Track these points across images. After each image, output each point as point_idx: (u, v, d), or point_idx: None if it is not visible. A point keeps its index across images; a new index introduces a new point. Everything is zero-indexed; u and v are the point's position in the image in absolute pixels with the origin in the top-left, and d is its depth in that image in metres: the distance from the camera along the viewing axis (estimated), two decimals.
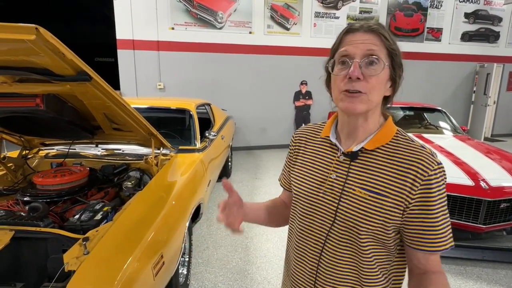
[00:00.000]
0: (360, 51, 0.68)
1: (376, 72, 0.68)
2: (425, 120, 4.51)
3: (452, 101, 7.77)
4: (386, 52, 0.70)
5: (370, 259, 0.73)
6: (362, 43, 0.69)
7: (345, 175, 0.75)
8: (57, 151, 2.49)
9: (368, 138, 0.75)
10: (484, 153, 3.22)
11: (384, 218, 0.70)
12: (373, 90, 0.69)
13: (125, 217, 1.54)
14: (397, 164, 0.71)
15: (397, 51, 0.71)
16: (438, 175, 0.69)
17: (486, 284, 2.40)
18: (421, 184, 0.68)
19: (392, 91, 0.75)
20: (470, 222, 2.61)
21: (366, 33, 0.69)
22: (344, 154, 0.76)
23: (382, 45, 0.69)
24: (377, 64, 0.68)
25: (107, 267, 1.24)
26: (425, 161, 0.69)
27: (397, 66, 0.72)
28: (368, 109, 0.71)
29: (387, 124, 0.76)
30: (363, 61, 0.68)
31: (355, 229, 0.72)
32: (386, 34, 0.70)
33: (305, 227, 0.81)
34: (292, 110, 6.69)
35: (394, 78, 0.73)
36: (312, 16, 6.41)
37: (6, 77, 1.38)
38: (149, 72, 5.78)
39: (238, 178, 4.72)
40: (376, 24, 0.70)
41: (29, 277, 1.46)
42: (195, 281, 2.36)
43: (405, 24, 7.01)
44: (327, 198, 0.76)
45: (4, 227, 1.44)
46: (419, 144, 0.73)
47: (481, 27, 7.59)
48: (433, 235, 0.69)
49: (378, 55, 0.68)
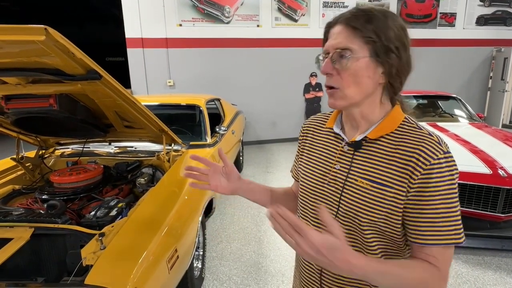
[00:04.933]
0: (331, 47, 0.68)
1: (347, 66, 0.66)
2: (440, 108, 4.40)
3: (468, 88, 7.54)
4: (361, 41, 0.65)
5: (375, 252, 0.71)
6: (334, 39, 0.68)
7: (349, 165, 0.74)
8: (72, 150, 2.55)
9: (372, 127, 0.73)
10: (502, 141, 3.13)
11: (388, 209, 0.67)
12: (348, 85, 0.67)
13: (139, 213, 1.57)
14: (400, 153, 0.68)
15: (377, 36, 0.64)
16: (443, 165, 0.64)
17: (506, 274, 2.35)
18: (421, 174, 0.64)
19: (390, 78, 0.68)
20: (488, 211, 2.54)
21: (339, 26, 0.68)
22: (348, 144, 0.75)
23: (354, 35, 0.65)
24: (347, 58, 0.65)
25: (123, 261, 1.27)
26: (429, 149, 0.65)
27: (382, 51, 0.65)
28: (348, 104, 0.69)
29: (392, 112, 0.72)
30: (335, 55, 0.67)
31: (357, 220, 0.70)
32: (357, 24, 0.65)
33: (310, 218, 0.81)
34: (302, 102, 6.63)
35: (385, 63, 0.66)
36: (321, 6, 6.30)
37: (19, 78, 1.41)
38: (159, 69, 5.82)
39: (249, 172, 4.73)
40: (350, 14, 0.67)
41: (49, 271, 1.51)
42: (209, 274, 2.39)
43: (417, 11, 6.81)
44: (331, 188, 0.76)
45: (24, 225, 1.49)
46: (426, 131, 0.68)
47: (497, 10, 7.29)
48: (430, 227, 0.65)
49: (347, 48, 0.65)
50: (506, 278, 2.31)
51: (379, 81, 0.69)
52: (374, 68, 0.67)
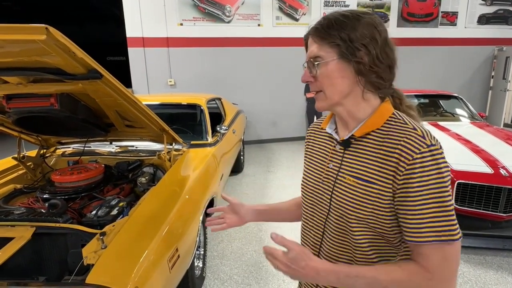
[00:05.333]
0: (307, 57, 0.74)
1: (319, 71, 0.71)
2: (441, 107, 4.39)
3: (469, 87, 7.51)
4: (328, 46, 0.70)
5: (365, 249, 0.71)
6: (309, 50, 0.74)
7: (339, 163, 0.76)
8: (73, 149, 2.56)
9: (359, 125, 0.74)
10: (504, 140, 3.12)
11: (374, 205, 0.68)
12: (326, 87, 0.72)
13: (140, 212, 1.57)
14: (384, 149, 0.68)
15: (341, 39, 0.67)
16: (426, 158, 0.63)
17: (508, 274, 2.34)
18: (406, 169, 0.64)
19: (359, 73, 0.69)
20: (490, 210, 2.53)
21: (310, 38, 0.74)
22: (339, 143, 0.78)
23: (322, 43, 0.70)
24: (318, 64, 0.71)
25: (124, 260, 1.27)
26: (411, 143, 0.64)
27: (348, 51, 0.67)
28: (330, 105, 0.74)
29: (379, 109, 0.72)
30: (309, 64, 0.73)
31: (345, 217, 0.72)
32: (321, 33, 0.70)
33: (308, 218, 0.84)
34: (303, 102, 6.62)
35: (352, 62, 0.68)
36: (322, 5, 6.29)
37: (21, 78, 1.41)
38: (160, 69, 5.82)
39: (250, 172, 4.73)
40: (317, 24, 0.72)
41: (51, 271, 1.51)
42: (210, 273, 2.39)
43: (418, 10, 6.79)
44: (324, 187, 0.79)
45: (25, 224, 1.49)
46: (411, 126, 0.68)
47: (499, 9, 7.26)
48: (419, 224, 0.63)
49: (318, 56, 0.71)
50: (507, 277, 2.31)
51: (355, 79, 0.70)
52: (345, 68, 0.69)
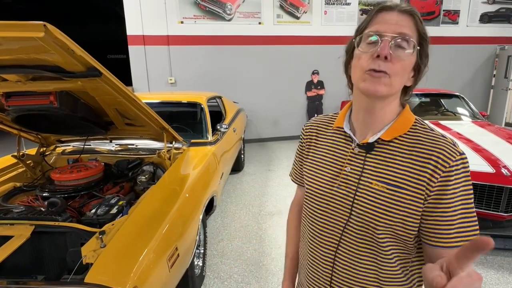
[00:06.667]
0: (392, 31, 0.65)
1: (405, 56, 0.65)
2: (442, 106, 4.37)
3: (471, 86, 7.49)
4: (418, 37, 0.67)
5: (389, 256, 0.69)
6: (395, 24, 0.65)
7: (361, 167, 0.71)
8: (73, 148, 2.55)
9: (385, 128, 0.71)
10: (506, 139, 3.10)
11: (404, 212, 0.66)
12: (397, 74, 0.65)
13: (140, 211, 1.56)
14: (416, 155, 0.67)
15: (428, 38, 0.68)
16: (460, 166, 0.64)
17: (509, 274, 2.33)
18: (441, 176, 0.64)
19: (414, 81, 0.71)
20: (491, 210, 2.52)
21: (401, 14, 0.66)
22: (359, 145, 0.72)
23: (415, 29, 0.66)
24: (407, 48, 0.65)
25: (124, 259, 1.26)
26: (446, 151, 0.65)
27: (424, 55, 0.68)
28: (388, 93, 0.66)
29: (404, 113, 0.72)
30: (394, 41, 0.64)
31: (373, 225, 0.68)
32: (416, 18, 0.67)
33: (319, 223, 0.77)
34: (304, 100, 6.60)
35: (419, 68, 0.70)
36: (323, 4, 6.26)
37: (20, 75, 1.41)
38: (160, 67, 5.81)
39: (251, 170, 4.73)
40: (410, 6, 0.68)
41: (50, 269, 1.51)
42: (210, 272, 2.39)
43: (420, 8, 6.74)
44: (342, 192, 0.73)
45: (24, 222, 1.49)
46: (439, 133, 0.69)
47: (501, 7, 7.23)
48: (450, 230, 0.64)
49: (409, 37, 0.65)
50: (508, 277, 2.30)
51: (407, 83, 0.70)
52: (412, 68, 0.69)
